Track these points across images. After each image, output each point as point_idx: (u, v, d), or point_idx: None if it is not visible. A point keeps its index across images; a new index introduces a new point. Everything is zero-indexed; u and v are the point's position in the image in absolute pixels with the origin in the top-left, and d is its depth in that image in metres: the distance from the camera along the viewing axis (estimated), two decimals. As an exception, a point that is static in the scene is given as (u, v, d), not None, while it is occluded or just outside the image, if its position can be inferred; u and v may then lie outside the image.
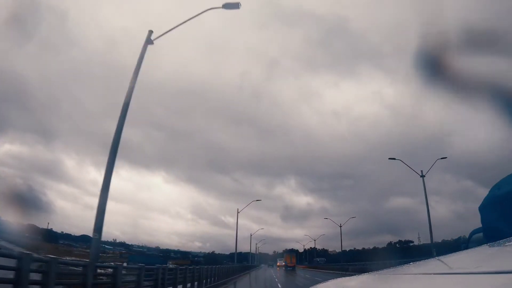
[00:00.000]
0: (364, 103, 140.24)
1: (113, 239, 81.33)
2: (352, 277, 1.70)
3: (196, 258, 77.65)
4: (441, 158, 28.37)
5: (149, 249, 79.47)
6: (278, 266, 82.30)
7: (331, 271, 40.58)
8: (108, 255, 46.52)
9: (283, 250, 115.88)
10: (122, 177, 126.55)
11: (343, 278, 1.69)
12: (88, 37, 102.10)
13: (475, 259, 1.23)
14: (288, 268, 57.62)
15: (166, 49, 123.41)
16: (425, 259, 1.77)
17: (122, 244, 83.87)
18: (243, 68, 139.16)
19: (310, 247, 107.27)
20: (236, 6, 12.64)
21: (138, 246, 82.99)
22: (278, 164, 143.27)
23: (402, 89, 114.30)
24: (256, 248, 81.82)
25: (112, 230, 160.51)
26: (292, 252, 76.61)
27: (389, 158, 29.86)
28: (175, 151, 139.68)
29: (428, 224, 27.15)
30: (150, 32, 12.49)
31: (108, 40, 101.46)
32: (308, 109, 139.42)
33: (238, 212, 37.23)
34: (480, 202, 2.14)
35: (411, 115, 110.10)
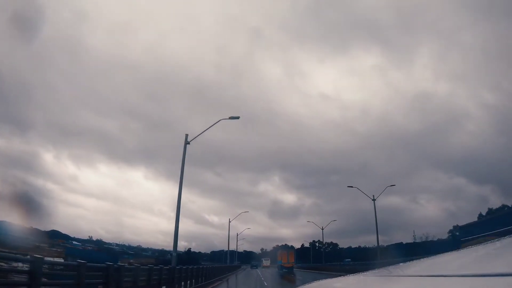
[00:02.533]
0: (357, 85, 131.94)
1: (89, 236, 77.54)
2: (338, 278, 1.76)
3: (169, 256, 71.51)
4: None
5: (121, 246, 75.55)
6: (264, 266, 77.40)
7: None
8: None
9: (274, 247, 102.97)
10: (102, 172, 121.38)
11: (329, 279, 1.79)
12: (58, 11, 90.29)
13: (463, 261, 1.22)
14: (284, 269, 45.35)
15: (139, 23, 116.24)
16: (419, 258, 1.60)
17: (97, 242, 79.98)
18: (222, 41, 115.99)
19: (314, 241, 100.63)
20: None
21: (117, 245, 79.37)
22: (262, 157, 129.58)
23: (406, 68, 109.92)
24: (236, 246, 73.73)
25: (97, 229, 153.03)
26: (289, 248, 62.92)
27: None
28: (154, 144, 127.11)
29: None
30: None
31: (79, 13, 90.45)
32: (295, 92, 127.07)
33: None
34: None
35: (413, 100, 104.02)
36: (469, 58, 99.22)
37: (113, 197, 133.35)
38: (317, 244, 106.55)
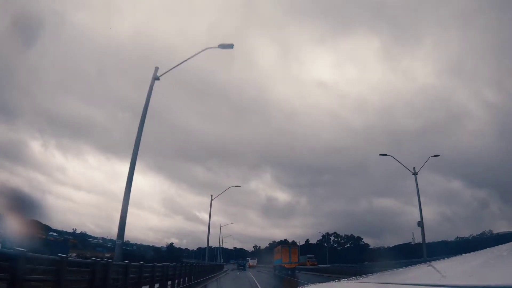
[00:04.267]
0: (357, 72, 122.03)
1: (73, 229, 73.92)
2: (333, 283, 1.90)
3: (132, 248, 63.37)
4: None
5: (106, 241, 71.75)
6: (250, 266, 68.00)
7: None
8: None
9: (270, 243, 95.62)
10: (91, 164, 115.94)
11: (327, 283, 1.82)
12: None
13: (463, 268, 1.17)
14: (284, 271, 36.74)
15: (125, 3, 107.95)
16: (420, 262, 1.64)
17: (81, 235, 76.17)
18: (211, 19, 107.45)
19: (327, 234, 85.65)
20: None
21: (103, 239, 75.78)
22: (254, 151, 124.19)
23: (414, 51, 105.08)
24: (219, 241, 66.67)
25: (87, 223, 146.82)
26: (291, 244, 48.29)
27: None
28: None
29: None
30: None
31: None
32: (289, 78, 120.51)
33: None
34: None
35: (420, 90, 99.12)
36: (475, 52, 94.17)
37: (102, 191, 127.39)
38: (332, 237, 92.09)
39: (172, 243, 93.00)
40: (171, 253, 61.81)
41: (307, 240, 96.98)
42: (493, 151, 77.90)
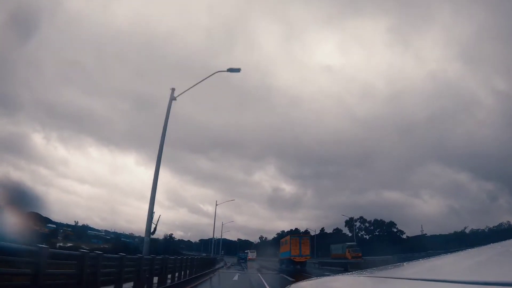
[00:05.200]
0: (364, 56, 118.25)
1: (75, 221, 73.62)
2: (329, 277, 1.70)
3: (134, 240, 57.91)
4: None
5: (108, 233, 71.48)
6: (249, 259, 63.21)
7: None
8: None
9: (278, 233, 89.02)
10: (94, 157, 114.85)
11: (322, 278, 1.73)
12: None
13: (464, 265, 1.14)
14: (291, 266, 31.50)
15: None
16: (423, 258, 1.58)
17: (83, 227, 75.94)
18: (211, 0, 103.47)
19: (352, 219, 67.17)
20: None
21: (105, 231, 75.66)
22: (257, 141, 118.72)
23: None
24: (229, 234, 64.93)
25: (93, 217, 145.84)
26: (302, 235, 41.29)
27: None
28: (143, 126, 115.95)
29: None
30: None
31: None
32: (292, 62, 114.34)
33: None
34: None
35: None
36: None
37: (106, 183, 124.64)
38: (357, 224, 72.87)
39: (172, 234, 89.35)
40: (167, 246, 58.39)
41: (322, 229, 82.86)
42: (504, 141, 71.81)
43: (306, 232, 67.36)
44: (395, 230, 72.01)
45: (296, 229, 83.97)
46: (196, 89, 15.61)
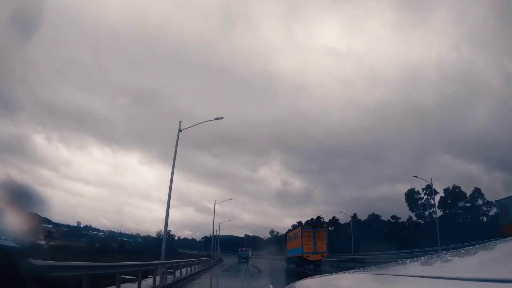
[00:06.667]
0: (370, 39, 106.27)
1: (77, 222, 73.31)
2: (335, 275, 1.66)
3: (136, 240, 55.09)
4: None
5: (111, 234, 70.89)
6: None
7: None
8: None
9: (294, 225, 63.89)
10: (97, 157, 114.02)
11: (326, 276, 1.72)
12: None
13: (468, 262, 1.14)
14: (302, 266, 26.12)
15: None
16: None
17: (86, 227, 75.61)
18: None
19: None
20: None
21: (110, 231, 75.19)
22: (261, 134, 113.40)
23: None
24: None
25: (100, 218, 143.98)
26: (317, 226, 31.93)
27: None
28: (144, 122, 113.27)
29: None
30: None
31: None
32: (295, 46, 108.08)
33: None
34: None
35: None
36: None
37: (110, 184, 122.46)
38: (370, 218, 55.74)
39: (170, 231, 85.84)
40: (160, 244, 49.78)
41: (333, 218, 65.59)
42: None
43: (319, 221, 55.92)
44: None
45: (311, 219, 69.01)
46: (196, 84, 14.47)
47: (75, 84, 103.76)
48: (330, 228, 49.54)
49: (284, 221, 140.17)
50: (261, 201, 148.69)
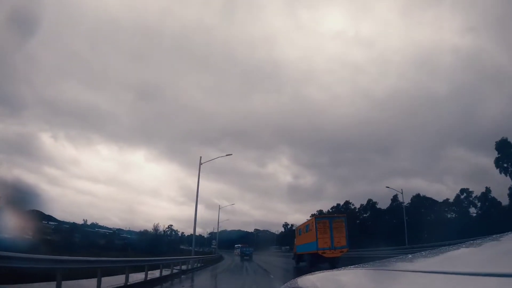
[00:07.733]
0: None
1: (84, 220, 73.69)
2: (339, 270, 1.65)
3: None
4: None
5: (120, 231, 70.76)
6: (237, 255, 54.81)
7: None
8: None
9: (313, 214, 54.40)
10: (104, 155, 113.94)
11: (330, 271, 1.72)
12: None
13: (473, 257, 1.12)
14: (320, 263, 21.16)
15: None
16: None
17: (92, 225, 75.83)
18: None
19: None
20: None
21: (118, 229, 75.27)
22: (268, 127, 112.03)
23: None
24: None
25: (111, 217, 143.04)
26: (334, 216, 25.94)
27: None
28: (149, 118, 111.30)
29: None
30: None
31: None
32: (301, 30, 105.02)
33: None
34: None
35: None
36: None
37: (120, 182, 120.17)
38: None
39: (171, 225, 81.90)
40: (157, 240, 47.33)
41: (347, 202, 58.07)
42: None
43: (339, 211, 48.94)
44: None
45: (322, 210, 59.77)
46: (200, 75, 13.37)
47: (77, 79, 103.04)
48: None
49: (295, 217, 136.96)
50: (271, 197, 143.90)
